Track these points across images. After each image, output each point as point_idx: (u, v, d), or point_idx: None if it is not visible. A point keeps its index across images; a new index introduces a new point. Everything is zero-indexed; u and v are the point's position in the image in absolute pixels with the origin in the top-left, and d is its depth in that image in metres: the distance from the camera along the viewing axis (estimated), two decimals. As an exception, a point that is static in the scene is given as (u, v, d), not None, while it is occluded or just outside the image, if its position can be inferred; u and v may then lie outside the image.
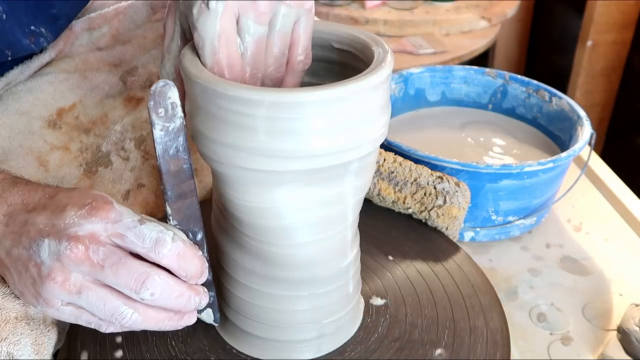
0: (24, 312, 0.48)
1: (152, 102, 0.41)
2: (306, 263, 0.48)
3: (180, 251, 0.43)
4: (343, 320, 0.52)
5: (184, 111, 0.43)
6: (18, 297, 0.48)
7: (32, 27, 0.66)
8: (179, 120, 0.42)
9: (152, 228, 0.43)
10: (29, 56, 0.72)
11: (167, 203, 0.45)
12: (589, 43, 1.64)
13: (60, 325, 0.52)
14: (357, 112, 0.42)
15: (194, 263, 0.44)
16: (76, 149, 0.67)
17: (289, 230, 0.46)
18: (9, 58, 0.65)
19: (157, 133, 0.42)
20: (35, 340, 0.48)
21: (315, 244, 0.47)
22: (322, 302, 0.50)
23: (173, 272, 0.44)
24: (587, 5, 1.64)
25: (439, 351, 0.52)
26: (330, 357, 0.52)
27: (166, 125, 0.42)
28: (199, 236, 0.47)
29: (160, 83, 0.41)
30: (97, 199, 0.44)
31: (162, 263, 0.43)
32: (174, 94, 0.41)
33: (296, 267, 0.48)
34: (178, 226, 0.46)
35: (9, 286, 0.48)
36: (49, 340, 0.50)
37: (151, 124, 0.42)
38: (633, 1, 1.58)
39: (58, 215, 0.44)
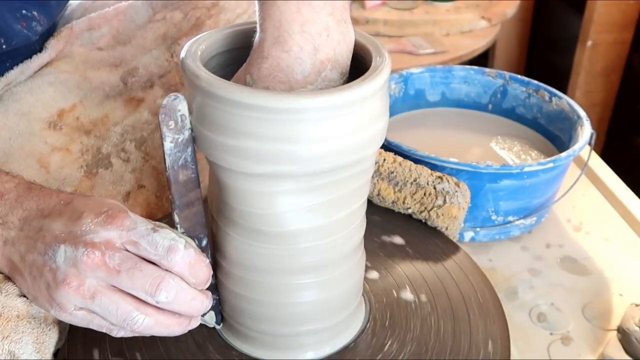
0: (26, 311, 0.48)
1: (163, 115, 0.42)
2: (310, 263, 0.47)
3: (191, 259, 0.44)
4: (351, 315, 0.52)
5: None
6: (20, 296, 0.48)
7: (24, 11, 0.65)
8: (187, 132, 0.43)
9: (165, 236, 0.44)
10: (29, 56, 0.72)
11: (175, 212, 0.45)
12: (589, 43, 1.63)
13: (61, 324, 0.52)
14: (357, 117, 0.42)
15: (202, 270, 0.45)
16: (77, 151, 0.67)
17: (292, 236, 0.46)
18: (4, 47, 0.64)
19: (167, 145, 0.43)
20: (37, 339, 0.48)
21: (320, 246, 0.47)
22: (330, 294, 0.50)
23: (183, 278, 0.44)
24: (587, 5, 1.64)
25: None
26: (337, 353, 0.52)
27: (176, 137, 0.42)
28: (204, 242, 0.47)
29: (171, 96, 0.41)
30: (112, 208, 0.45)
31: (174, 270, 0.44)
32: (183, 107, 0.42)
33: (301, 269, 0.48)
34: (185, 233, 0.46)
35: (21, 290, 0.48)
36: (50, 339, 0.50)
37: (161, 137, 0.42)
38: (633, 1, 1.58)
39: (74, 222, 0.44)
